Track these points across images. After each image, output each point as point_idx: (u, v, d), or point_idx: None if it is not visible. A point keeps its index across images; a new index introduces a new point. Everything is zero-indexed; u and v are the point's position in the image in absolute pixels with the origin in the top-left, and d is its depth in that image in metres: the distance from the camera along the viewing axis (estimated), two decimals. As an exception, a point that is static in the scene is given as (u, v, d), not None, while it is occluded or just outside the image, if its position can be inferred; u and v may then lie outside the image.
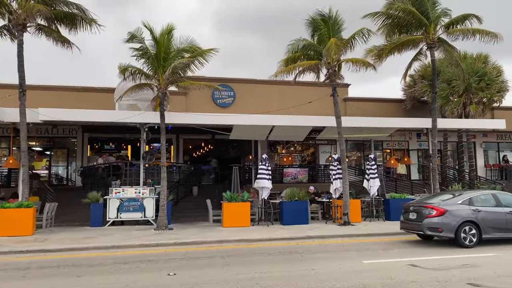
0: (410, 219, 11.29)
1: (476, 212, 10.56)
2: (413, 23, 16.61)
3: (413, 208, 11.39)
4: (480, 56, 22.36)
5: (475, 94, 21.06)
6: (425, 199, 12.20)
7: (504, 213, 10.75)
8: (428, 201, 11.51)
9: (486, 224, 10.48)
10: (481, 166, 28.87)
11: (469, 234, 10.33)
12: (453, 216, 10.39)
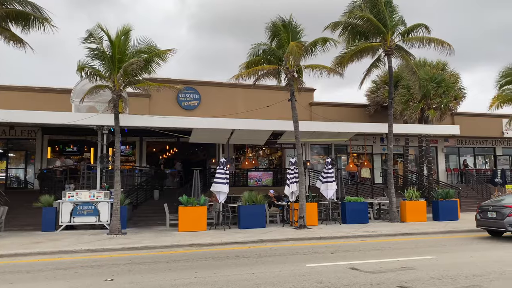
0: (489, 218, 12.85)
1: None
2: (371, 30, 17.00)
3: (491, 208, 12.92)
4: (438, 63, 23.07)
5: (433, 100, 21.68)
6: (500, 200, 13.47)
7: None
8: (506, 201, 12.91)
9: None
10: (443, 170, 29.75)
11: None
12: None
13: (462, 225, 15.31)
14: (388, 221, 16.72)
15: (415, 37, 17.05)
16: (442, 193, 17.51)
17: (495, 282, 7.18)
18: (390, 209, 16.70)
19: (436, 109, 21.85)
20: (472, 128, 28.39)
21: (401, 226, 15.09)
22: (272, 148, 27.54)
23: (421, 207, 16.76)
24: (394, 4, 17.45)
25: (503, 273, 7.85)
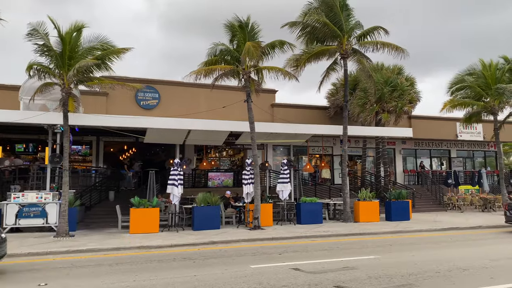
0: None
1: None
2: (328, 33, 17.26)
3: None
4: (395, 67, 23.72)
5: (389, 103, 22.28)
6: None
7: None
8: None
9: None
10: (400, 171, 30.64)
11: None
12: None
13: (412, 225, 15.79)
14: (342, 221, 17.03)
15: (369, 41, 17.46)
16: (395, 194, 18.01)
17: (428, 281, 7.41)
18: (344, 210, 17.02)
19: (391, 112, 22.45)
20: (429, 131, 29.43)
21: (353, 226, 15.40)
22: (235, 149, 27.52)
23: (374, 207, 17.17)
24: (351, 8, 17.81)
25: (438, 272, 8.13)
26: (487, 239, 13.07)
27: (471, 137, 30.62)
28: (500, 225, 16.32)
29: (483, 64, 20.83)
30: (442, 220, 17.96)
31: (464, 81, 21.08)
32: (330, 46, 17.39)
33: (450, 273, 7.97)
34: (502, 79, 20.29)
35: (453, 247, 11.52)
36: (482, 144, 33.39)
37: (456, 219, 18.49)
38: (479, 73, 20.81)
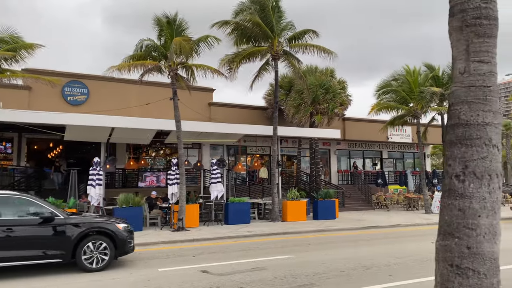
0: None
1: None
2: (259, 34, 17.31)
3: None
4: (327, 70, 24.36)
5: (322, 105, 22.83)
6: None
7: None
8: None
9: None
10: (335, 171, 31.57)
11: None
12: None
13: (336, 224, 16.22)
14: (270, 220, 17.15)
15: (299, 43, 17.74)
16: (322, 193, 18.44)
17: (331, 280, 7.55)
18: (272, 209, 17.16)
19: (324, 114, 23.02)
20: (362, 132, 30.60)
21: (278, 226, 15.54)
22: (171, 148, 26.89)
23: (301, 206, 17.47)
24: (283, 9, 18.01)
25: (343, 270, 8.31)
26: (402, 237, 13.67)
27: (400, 139, 32.24)
28: (418, 223, 17.24)
29: (407, 70, 21.94)
30: (366, 218, 18.65)
31: (390, 86, 22.08)
32: (261, 47, 17.46)
33: (354, 272, 8.18)
34: (425, 85, 21.48)
35: (369, 245, 11.91)
36: (412, 146, 35.22)
37: (379, 217, 19.29)
38: (404, 78, 21.89)
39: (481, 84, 3.67)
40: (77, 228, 8.28)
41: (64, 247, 8.08)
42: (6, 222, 7.80)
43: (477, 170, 3.62)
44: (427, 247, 11.19)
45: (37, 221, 8.03)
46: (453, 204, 3.74)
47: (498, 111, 3.72)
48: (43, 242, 7.98)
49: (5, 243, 7.65)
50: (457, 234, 3.69)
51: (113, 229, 8.70)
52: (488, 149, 3.62)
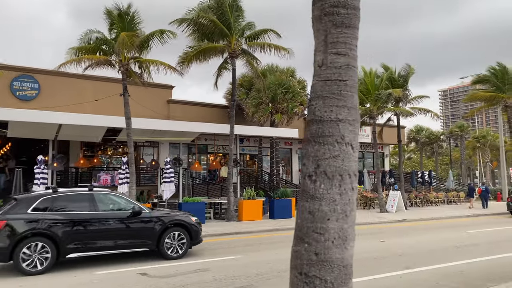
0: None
1: None
2: (216, 32, 17.05)
3: None
4: (287, 70, 24.41)
5: (281, 105, 22.84)
6: None
7: None
8: None
9: None
10: (296, 171, 31.76)
11: None
12: None
13: (291, 223, 16.10)
14: (226, 220, 16.96)
15: (256, 42, 17.63)
16: (279, 192, 18.42)
17: (270, 281, 7.45)
18: (228, 209, 16.97)
19: (284, 113, 23.05)
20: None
21: (233, 226, 15.37)
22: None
23: (258, 206, 17.38)
24: (242, 9, 17.79)
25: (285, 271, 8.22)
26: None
27: (360, 139, 32.76)
28: (371, 222, 17.53)
29: (365, 71, 22.30)
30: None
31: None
32: (217, 45, 17.22)
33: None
34: (381, 86, 21.88)
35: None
36: (371, 146, 35.95)
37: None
38: (361, 79, 22.21)
39: (337, 78, 3.36)
40: (161, 221, 9.49)
41: (150, 238, 9.29)
42: (106, 215, 9.02)
43: (328, 169, 3.28)
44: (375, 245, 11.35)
45: (127, 214, 9.21)
46: (305, 206, 3.38)
47: (354, 107, 3.44)
48: (133, 233, 9.18)
49: (104, 233, 8.84)
50: (306, 239, 3.31)
51: (189, 222, 9.85)
52: (341, 147, 3.32)
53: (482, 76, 27.15)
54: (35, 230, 8.17)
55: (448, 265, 8.67)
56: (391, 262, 9.09)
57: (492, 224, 16.91)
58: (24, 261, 7.91)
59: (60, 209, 8.68)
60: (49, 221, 8.35)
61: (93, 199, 9.12)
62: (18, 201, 8.61)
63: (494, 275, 7.78)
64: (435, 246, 11.30)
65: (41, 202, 8.58)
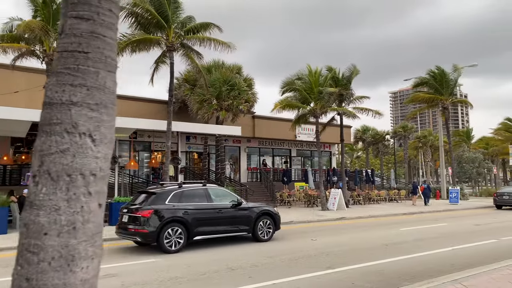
0: (504, 199, 24.34)
1: None
2: (153, 23, 16.37)
3: (506, 193, 24.57)
4: (234, 66, 24.05)
5: (226, 102, 22.43)
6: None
7: None
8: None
9: None
10: (244, 169, 31.52)
11: None
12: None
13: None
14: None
15: (196, 36, 17.13)
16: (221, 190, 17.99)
17: (182, 286, 7.02)
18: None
19: (229, 110, 22.67)
20: (272, 130, 30.86)
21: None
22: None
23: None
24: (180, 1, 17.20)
25: (203, 274, 7.83)
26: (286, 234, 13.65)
27: (308, 138, 33.04)
28: (310, 220, 17.53)
29: (310, 70, 22.35)
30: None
31: (294, 84, 22.33)
32: (153, 36, 16.54)
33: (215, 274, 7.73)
34: (325, 86, 22.02)
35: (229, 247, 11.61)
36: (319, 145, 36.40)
37: (277, 215, 19.36)
38: (306, 78, 22.27)
39: (75, 49, 2.55)
40: (254, 211, 11.70)
41: (249, 224, 11.47)
42: (218, 206, 11.12)
43: (53, 168, 2.45)
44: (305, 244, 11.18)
45: (230, 205, 11.38)
46: (23, 216, 2.55)
47: (99, 87, 2.56)
48: (237, 220, 11.33)
49: (218, 220, 10.95)
50: (20, 260, 2.47)
51: (274, 212, 12.29)
52: (72, 138, 2.48)
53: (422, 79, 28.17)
54: (173, 217, 10.20)
55: (371, 264, 8.62)
56: (315, 262, 8.94)
57: (428, 221, 17.43)
58: (166, 241, 9.95)
59: (186, 201, 10.71)
60: (182, 210, 10.39)
61: (208, 193, 11.30)
62: (157, 194, 10.56)
63: (414, 273, 7.79)
64: (365, 244, 11.34)
65: (174, 195, 10.62)
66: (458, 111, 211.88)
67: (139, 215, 10.06)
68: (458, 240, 11.98)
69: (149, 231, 9.88)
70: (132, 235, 10.25)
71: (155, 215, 10.02)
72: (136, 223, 10.11)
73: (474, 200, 32.92)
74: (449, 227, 15.41)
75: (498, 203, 25.24)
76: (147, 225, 9.93)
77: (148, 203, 10.26)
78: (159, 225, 9.92)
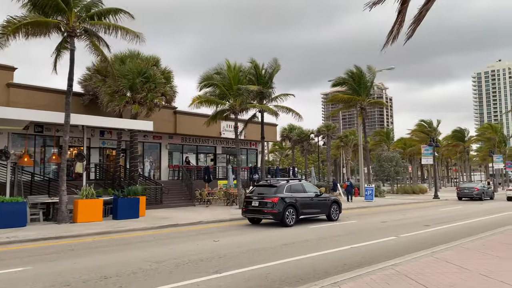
0: (465, 192, 31.73)
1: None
2: (50, 4, 14.76)
3: (466, 187, 31.83)
4: (150, 58, 22.72)
5: (140, 94, 21.12)
6: (470, 184, 34.48)
7: None
8: (473, 185, 31.84)
9: None
10: (165, 167, 30.22)
11: None
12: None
13: (133, 224, 14.75)
14: (56, 222, 14.80)
15: (101, 22, 15.77)
16: (127, 190, 16.83)
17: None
18: (59, 209, 14.82)
19: (143, 104, 21.37)
20: (195, 127, 29.81)
21: (58, 229, 13.34)
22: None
23: (97, 206, 15.53)
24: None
25: (67, 285, 6.86)
26: (193, 236, 12.92)
27: (233, 135, 32.51)
28: (222, 219, 16.96)
29: (229, 65, 21.78)
30: (174, 216, 17.69)
31: (212, 79, 21.60)
32: (50, 20, 14.91)
33: (83, 285, 6.79)
34: (244, 82, 21.58)
35: (139, 248, 10.67)
36: (245, 142, 36.07)
37: (189, 214, 18.56)
38: (225, 73, 21.65)
39: None
40: (329, 199, 16.82)
41: (327, 208, 16.32)
42: (309, 195, 15.89)
43: None
44: (205, 246, 10.51)
45: (314, 195, 16.12)
46: None
47: None
48: (320, 205, 16.10)
49: (311, 205, 15.67)
50: None
51: (339, 201, 17.33)
52: None
53: (341, 79, 28.83)
54: (290, 202, 14.75)
55: (261, 267, 8.18)
56: (205, 265, 8.31)
57: (343, 219, 17.62)
58: (287, 218, 14.56)
59: (293, 191, 15.32)
60: (293, 198, 14.95)
61: (303, 186, 16.27)
62: (278, 187, 15.03)
63: (301, 275, 7.48)
64: (267, 244, 10.94)
65: (287, 188, 15.23)
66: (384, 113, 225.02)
67: (270, 201, 14.61)
68: (360, 238, 12.05)
69: (278, 211, 14.49)
70: (264, 214, 14.86)
71: (281, 200, 14.64)
72: (267, 207, 14.62)
73: (390, 198, 34.59)
74: (356, 225, 15.63)
75: (460, 195, 31.57)
76: (276, 208, 14.51)
77: (273, 193, 14.82)
78: (283, 208, 14.59)
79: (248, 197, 15.36)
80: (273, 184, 15.44)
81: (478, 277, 6.62)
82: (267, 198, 14.57)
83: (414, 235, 12.86)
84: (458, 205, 27.30)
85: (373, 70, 30.16)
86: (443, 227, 15.00)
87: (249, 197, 15.34)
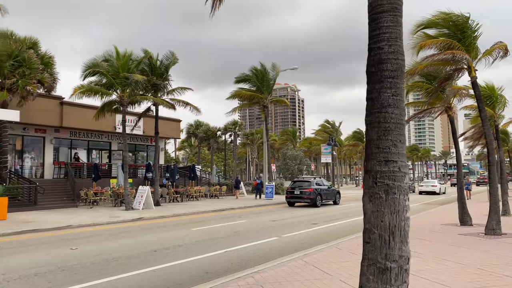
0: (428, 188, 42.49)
1: None
2: None
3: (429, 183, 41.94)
4: (25, 39, 19.88)
5: (9, 80, 18.29)
6: (429, 180, 43.67)
7: None
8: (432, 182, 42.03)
9: None
10: (50, 163, 27.05)
11: None
12: None
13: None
14: None
15: None
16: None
17: None
18: None
19: (14, 91, 18.54)
20: (86, 120, 27.02)
21: None
22: None
23: None
24: None
25: None
26: (37, 245, 11.11)
27: (130, 130, 30.27)
28: (99, 223, 15.21)
29: (117, 52, 19.86)
30: (41, 220, 15.45)
31: (99, 67, 19.50)
32: None
33: None
34: (134, 72, 19.84)
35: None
36: (145, 138, 33.97)
37: (61, 217, 16.38)
38: (114, 61, 19.70)
39: None
40: (335, 190, 26.13)
41: (333, 198, 25.42)
42: (323, 188, 24.32)
43: None
44: (56, 256, 8.84)
45: (327, 187, 24.98)
46: None
47: None
48: (330, 195, 25.00)
49: (325, 195, 24.15)
50: None
51: (339, 191, 27.76)
52: None
53: (244, 76, 28.31)
54: (319, 192, 23.35)
55: (114, 279, 6.94)
56: (41, 281, 6.80)
57: (231, 219, 16.89)
58: (318, 203, 22.90)
59: (318, 184, 23.94)
60: (319, 189, 23.55)
61: (322, 181, 25.15)
62: (310, 182, 23.74)
63: (182, 282, 6.38)
64: (134, 251, 9.65)
65: (316, 181, 24.11)
66: (296, 114, 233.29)
67: (308, 191, 22.79)
68: (244, 239, 11.36)
69: (313, 197, 22.65)
70: (303, 199, 22.98)
71: (315, 191, 22.86)
72: (306, 194, 22.78)
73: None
74: (246, 224, 14.98)
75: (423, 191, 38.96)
76: (312, 195, 22.69)
77: (309, 185, 23.21)
78: (315, 195, 22.78)
79: (292, 188, 23.63)
80: (307, 180, 24.07)
81: (338, 284, 6.10)
82: (307, 189, 22.81)
83: (297, 234, 12.48)
84: (357, 201, 28.41)
85: (277, 69, 30.15)
86: (330, 225, 14.98)
87: (292, 188, 23.60)
